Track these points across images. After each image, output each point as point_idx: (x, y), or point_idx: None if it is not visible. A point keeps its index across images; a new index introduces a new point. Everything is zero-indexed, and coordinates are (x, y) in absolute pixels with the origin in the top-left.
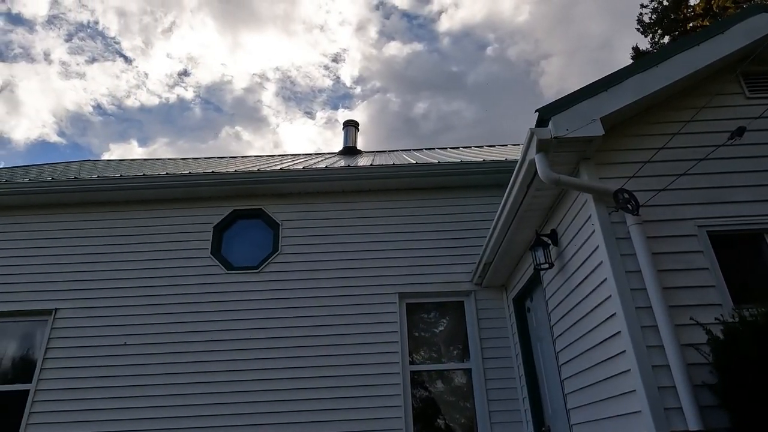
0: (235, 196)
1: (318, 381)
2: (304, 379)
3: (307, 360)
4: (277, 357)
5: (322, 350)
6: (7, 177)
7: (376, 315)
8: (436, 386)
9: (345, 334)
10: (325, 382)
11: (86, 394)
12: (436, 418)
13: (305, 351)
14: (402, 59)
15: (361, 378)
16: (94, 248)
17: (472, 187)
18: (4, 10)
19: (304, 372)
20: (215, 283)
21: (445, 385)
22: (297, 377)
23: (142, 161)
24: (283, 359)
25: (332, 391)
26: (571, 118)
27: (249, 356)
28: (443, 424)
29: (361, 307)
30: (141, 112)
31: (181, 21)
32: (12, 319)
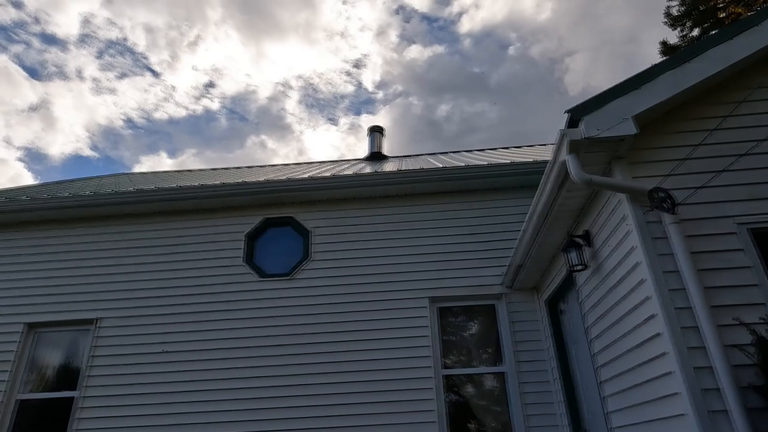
0: (266, 205)
1: (350, 386)
2: (336, 384)
3: (339, 365)
4: (310, 362)
5: (354, 355)
6: (48, 192)
7: (408, 320)
8: (470, 390)
9: (377, 339)
10: (357, 386)
11: (129, 401)
12: (471, 422)
13: (337, 356)
14: (423, 62)
15: (393, 383)
16: (133, 259)
17: (499, 189)
18: (38, 30)
19: (336, 377)
20: (249, 290)
21: (478, 389)
22: (330, 382)
23: (175, 173)
24: (316, 364)
25: (365, 396)
26: (603, 118)
27: (283, 362)
28: (478, 429)
29: (392, 311)
30: (169, 125)
31: (205, 34)
32: (58, 328)
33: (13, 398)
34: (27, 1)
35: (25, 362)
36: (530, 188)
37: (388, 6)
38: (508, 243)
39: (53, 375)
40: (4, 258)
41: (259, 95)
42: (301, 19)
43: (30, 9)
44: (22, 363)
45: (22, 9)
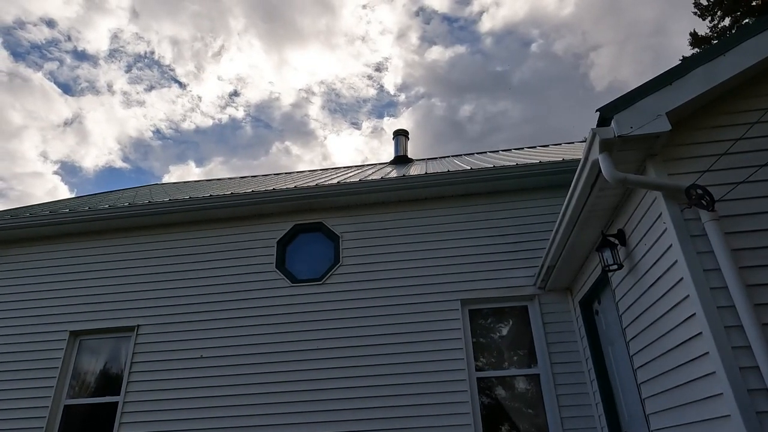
0: (296, 211)
1: (384, 389)
2: (370, 387)
3: (372, 369)
4: (343, 366)
5: (387, 359)
6: (87, 204)
7: (439, 322)
8: (504, 393)
9: (409, 342)
10: (390, 390)
11: (169, 405)
12: (506, 424)
13: (370, 360)
14: (445, 63)
15: (426, 386)
16: (169, 267)
17: (528, 189)
18: (70, 48)
19: (369, 380)
20: (281, 296)
21: (512, 391)
22: (363, 386)
23: (205, 182)
24: (349, 368)
25: (398, 399)
26: (635, 116)
27: (316, 366)
28: (515, 429)
29: (423, 314)
30: (196, 134)
31: (229, 44)
32: (100, 336)
33: (61, 404)
34: (59, 20)
35: (70, 369)
36: (560, 188)
37: (408, 8)
38: (539, 244)
39: (96, 381)
40: (48, 269)
41: (282, 102)
42: (322, 25)
43: (62, 27)
44: (67, 370)
45: (54, 27)
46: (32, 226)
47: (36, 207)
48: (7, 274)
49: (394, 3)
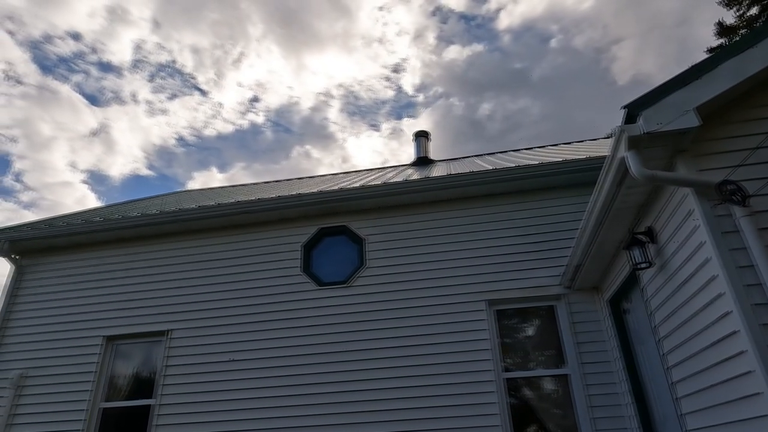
0: (320, 215)
1: (411, 390)
2: (397, 389)
3: (399, 370)
4: (369, 368)
5: (414, 360)
6: (118, 213)
7: (466, 323)
8: (533, 393)
9: (435, 343)
10: (418, 391)
11: (201, 408)
12: (536, 425)
13: (397, 362)
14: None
15: (454, 386)
16: (199, 272)
17: (552, 188)
18: (95, 60)
19: (396, 382)
20: (308, 299)
21: (541, 391)
22: (390, 387)
23: (231, 188)
24: (376, 370)
25: (426, 401)
26: (663, 111)
27: (344, 368)
28: (544, 430)
29: (449, 315)
30: (218, 140)
31: (248, 51)
32: (134, 340)
33: (97, 407)
34: (84, 33)
35: (106, 373)
36: (584, 186)
37: (424, 8)
38: (565, 243)
39: (131, 384)
40: (83, 276)
41: (301, 106)
42: (339, 28)
43: (87, 40)
44: (102, 374)
45: (80, 40)
46: (67, 234)
47: (70, 216)
48: (45, 282)
49: (411, 4)
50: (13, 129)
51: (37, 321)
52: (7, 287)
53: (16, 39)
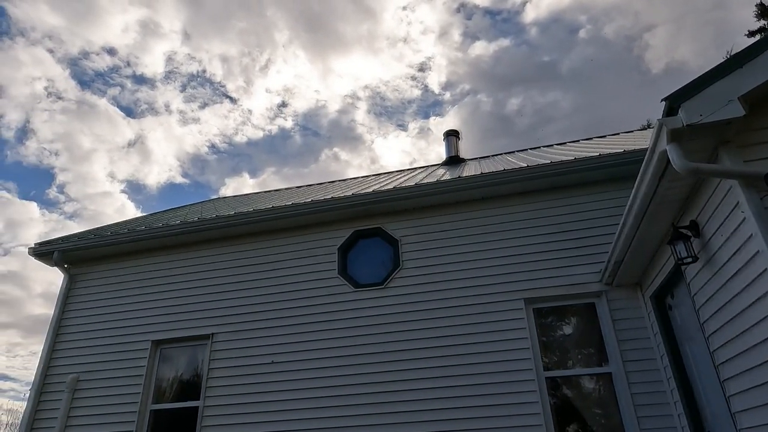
0: (354, 218)
1: (450, 390)
2: (436, 389)
3: (437, 370)
4: (407, 368)
5: (452, 360)
6: (160, 221)
7: (504, 322)
8: (575, 392)
9: (473, 343)
10: (457, 391)
11: (245, 409)
12: (578, 424)
13: (435, 362)
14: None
15: (494, 386)
16: (238, 277)
17: (589, 183)
18: (130, 73)
19: (435, 382)
20: (345, 301)
21: (583, 390)
22: (428, 387)
23: (264, 194)
24: (414, 370)
25: (465, 401)
26: (704, 103)
27: (381, 369)
28: (588, 429)
29: (487, 315)
30: (249, 146)
31: (275, 57)
32: (179, 344)
33: (148, 409)
34: (119, 48)
35: (154, 376)
36: (622, 180)
37: (448, 6)
38: (603, 239)
39: (178, 387)
40: (129, 283)
41: (329, 109)
42: (364, 30)
43: (122, 54)
44: (151, 377)
45: (115, 55)
46: (113, 244)
47: (115, 226)
48: (94, 289)
49: (434, 2)
50: (56, 143)
51: (88, 327)
52: (60, 295)
53: (55, 56)
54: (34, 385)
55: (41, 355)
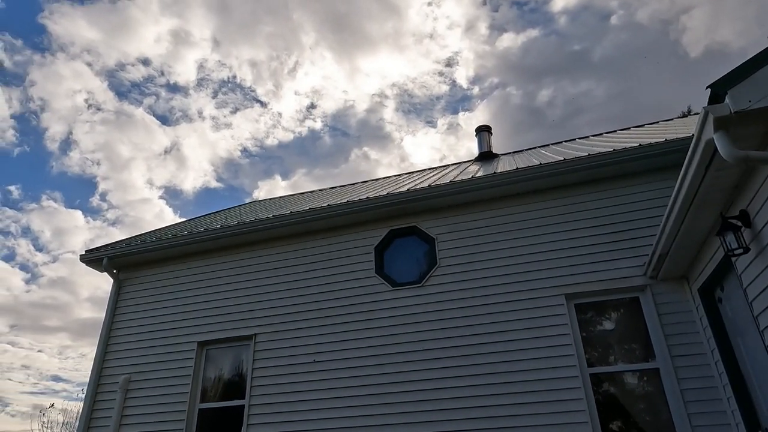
0: (390, 217)
1: (493, 387)
2: (477, 386)
3: (478, 368)
4: (447, 366)
5: (492, 357)
6: (202, 225)
7: (544, 318)
8: (620, 388)
9: (514, 339)
10: (499, 388)
11: (288, 407)
12: (626, 420)
13: (475, 359)
14: (517, 49)
15: (536, 383)
16: (277, 278)
17: (629, 175)
18: (164, 82)
19: (477, 380)
20: (383, 300)
21: (629, 386)
22: (470, 385)
23: (299, 195)
24: (455, 368)
25: (508, 398)
26: (752, 88)
27: (421, 366)
28: (634, 428)
29: (527, 311)
30: (280, 149)
31: (302, 59)
32: (223, 345)
33: (195, 408)
34: (152, 58)
35: (201, 376)
36: (664, 170)
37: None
38: (646, 231)
39: (224, 386)
40: (175, 286)
41: (357, 109)
42: (389, 28)
43: (156, 64)
44: (198, 377)
45: (149, 65)
46: (158, 249)
47: (159, 231)
48: (141, 293)
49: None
50: (97, 153)
51: (137, 329)
52: (110, 300)
53: (93, 69)
54: (90, 386)
55: (95, 357)
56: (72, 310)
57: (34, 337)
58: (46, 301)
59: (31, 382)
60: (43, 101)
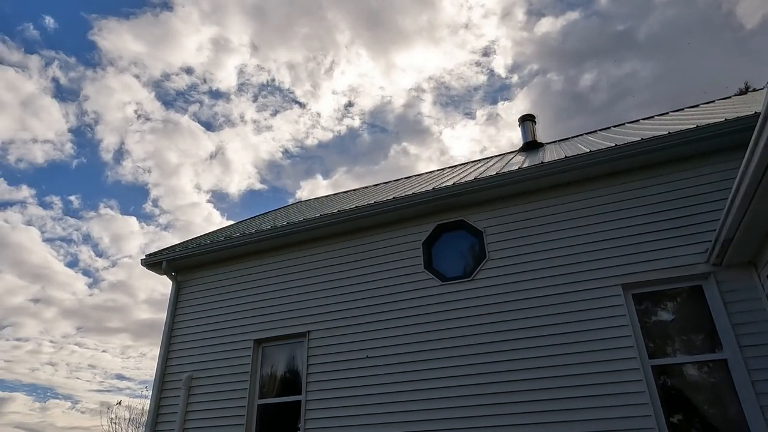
0: (436, 212)
1: (548, 381)
2: (533, 380)
3: (531, 361)
4: (500, 360)
5: (547, 350)
6: (253, 227)
7: (600, 310)
8: (686, 380)
9: (569, 332)
10: (555, 382)
11: (343, 402)
12: (692, 413)
13: (529, 353)
14: (557, 33)
15: (594, 376)
16: (328, 276)
17: (685, 158)
18: (207, 89)
19: (531, 374)
20: (433, 294)
21: (695, 378)
22: (524, 379)
23: (342, 194)
24: (508, 362)
25: (566, 391)
26: None
27: (474, 361)
28: (702, 421)
29: (581, 303)
30: (319, 148)
31: (338, 58)
32: (278, 342)
33: (255, 403)
34: (195, 66)
35: (258, 373)
36: (724, 152)
37: None
38: (707, 216)
39: (280, 382)
40: (230, 287)
41: (394, 105)
42: (423, 21)
43: (198, 72)
44: (256, 373)
45: (192, 74)
46: (213, 251)
47: (213, 234)
48: (198, 294)
49: None
50: (147, 161)
51: (196, 329)
52: (171, 301)
53: (141, 81)
54: (155, 384)
55: (159, 357)
56: (131, 311)
57: (99, 338)
58: (108, 304)
59: (98, 380)
60: (96, 114)
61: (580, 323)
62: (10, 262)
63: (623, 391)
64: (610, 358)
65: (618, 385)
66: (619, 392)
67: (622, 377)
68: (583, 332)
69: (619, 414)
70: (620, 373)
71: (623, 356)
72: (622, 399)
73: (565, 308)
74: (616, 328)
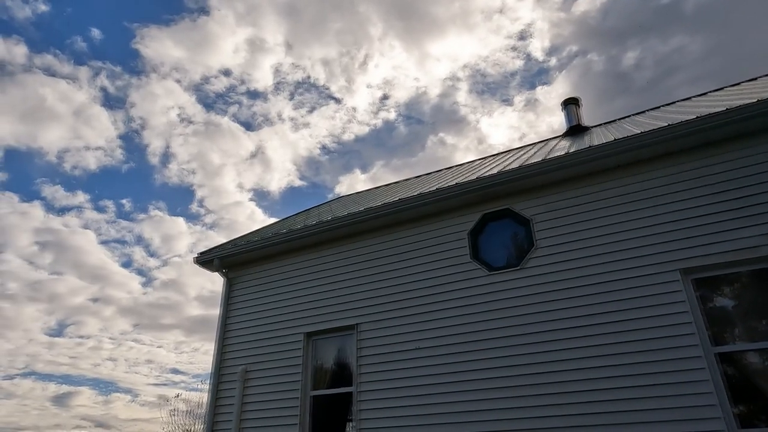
0: (481, 201)
1: (604, 370)
2: (585, 370)
3: (586, 350)
4: (552, 350)
5: (601, 339)
6: (300, 223)
7: (657, 296)
8: (753, 368)
9: (624, 320)
10: (610, 371)
11: (393, 393)
12: (761, 403)
13: (582, 341)
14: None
15: (655, 365)
16: (376, 269)
17: (746, 135)
18: (244, 90)
19: (584, 363)
20: (480, 285)
21: (761, 365)
22: (578, 368)
23: (385, 187)
24: (561, 351)
25: (622, 381)
26: None
27: (525, 351)
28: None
29: (637, 290)
30: (357, 143)
31: (372, 52)
32: (328, 335)
33: (308, 395)
34: (233, 68)
35: (310, 365)
36: None
37: None
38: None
39: (332, 374)
40: (279, 281)
41: (429, 95)
42: (456, 8)
43: (236, 74)
44: (307, 366)
45: (230, 76)
46: (262, 247)
47: (260, 231)
48: (249, 289)
49: None
50: (192, 162)
51: (248, 323)
52: (223, 297)
53: (182, 85)
54: (212, 377)
55: (214, 351)
56: (183, 308)
57: (154, 334)
58: (161, 302)
59: (155, 375)
60: (142, 120)
61: (637, 310)
62: (71, 264)
63: (685, 380)
64: (670, 345)
65: (680, 374)
66: (681, 381)
67: (684, 365)
68: (641, 319)
69: (682, 403)
70: (682, 362)
71: (684, 344)
72: (684, 388)
73: (619, 295)
74: (675, 315)
